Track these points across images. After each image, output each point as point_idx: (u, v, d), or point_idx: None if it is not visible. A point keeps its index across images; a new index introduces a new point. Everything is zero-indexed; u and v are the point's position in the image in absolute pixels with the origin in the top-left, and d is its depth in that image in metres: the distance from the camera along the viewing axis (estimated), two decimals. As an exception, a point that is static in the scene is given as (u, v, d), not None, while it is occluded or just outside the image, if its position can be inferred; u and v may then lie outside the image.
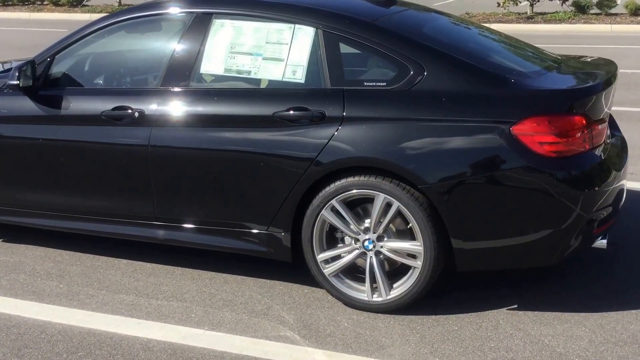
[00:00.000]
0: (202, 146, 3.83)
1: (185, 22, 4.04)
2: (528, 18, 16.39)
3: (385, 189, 3.54)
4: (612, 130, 4.30)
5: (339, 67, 3.73)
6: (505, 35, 4.59)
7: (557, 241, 3.49)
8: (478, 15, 17.13)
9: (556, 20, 15.93)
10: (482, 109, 3.48)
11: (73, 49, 4.28)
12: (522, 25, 15.99)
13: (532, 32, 15.38)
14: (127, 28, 4.29)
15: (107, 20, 4.25)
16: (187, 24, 4.03)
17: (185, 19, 4.06)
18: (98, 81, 4.35)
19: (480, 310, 3.72)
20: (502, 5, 16.62)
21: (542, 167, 3.39)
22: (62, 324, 3.63)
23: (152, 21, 4.30)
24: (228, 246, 3.95)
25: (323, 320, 3.64)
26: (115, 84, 4.32)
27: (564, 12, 16.36)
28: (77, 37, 4.26)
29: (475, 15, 17.12)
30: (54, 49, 4.27)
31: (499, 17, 16.71)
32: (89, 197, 4.17)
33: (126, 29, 4.28)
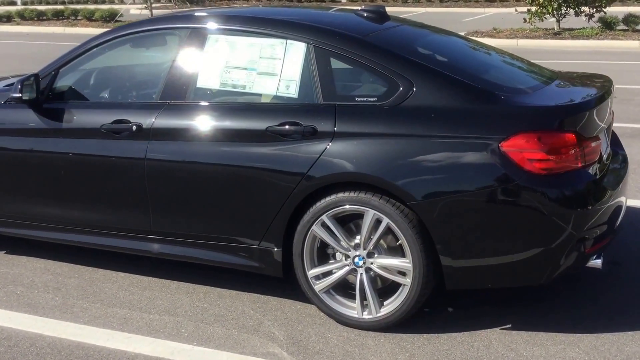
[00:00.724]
0: (196, 160, 3.84)
1: (182, 38, 4.06)
2: (555, 34, 16.22)
3: (374, 205, 3.50)
4: (614, 147, 4.22)
5: (331, 82, 3.71)
6: (501, 51, 4.53)
7: (547, 260, 3.41)
8: (505, 31, 17.01)
9: (583, 36, 15.74)
10: (471, 125, 3.43)
11: (76, 63, 4.33)
12: (549, 41, 15.83)
13: (559, 48, 15.23)
14: (128, 43, 4.33)
15: (109, 35, 4.30)
16: (183, 39, 4.05)
17: (182, 35, 4.08)
18: (99, 95, 4.40)
19: (473, 329, 3.64)
20: (529, 21, 16.48)
21: (532, 185, 3.32)
22: (52, 337, 3.64)
23: (152, 36, 4.34)
24: (221, 261, 3.94)
25: (313, 337, 3.60)
26: (116, 97, 4.36)
27: (591, 29, 16.16)
28: (80, 51, 4.32)
29: (502, 31, 17.01)
30: (58, 63, 4.33)
31: (526, 33, 16.56)
32: (88, 210, 4.19)
33: (127, 44, 4.33)
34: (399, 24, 4.34)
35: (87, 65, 4.39)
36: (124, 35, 4.28)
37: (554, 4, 16.03)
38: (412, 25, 4.51)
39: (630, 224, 4.76)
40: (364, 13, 4.27)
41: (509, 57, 4.41)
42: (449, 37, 4.54)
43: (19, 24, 22.15)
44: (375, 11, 4.27)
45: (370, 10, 4.27)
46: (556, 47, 15.40)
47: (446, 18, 23.36)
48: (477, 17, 23.85)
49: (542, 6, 16.07)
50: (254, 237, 3.79)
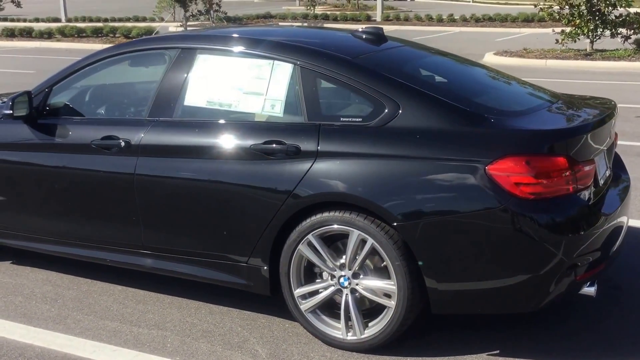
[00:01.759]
0: (182, 176, 3.85)
1: (171, 57, 4.09)
2: (586, 55, 15.96)
3: (359, 226, 3.45)
4: (616, 169, 4.12)
5: (316, 102, 3.70)
6: (503, 73, 4.46)
7: (535, 287, 3.32)
8: (536, 51, 16.80)
9: (614, 58, 15.45)
10: (457, 148, 3.37)
11: (69, 81, 4.40)
12: (580, 62, 15.56)
13: (590, 69, 14.97)
14: (119, 62, 4.40)
15: (101, 55, 4.37)
16: (172, 58, 4.08)
17: (170, 54, 4.11)
18: (91, 111, 4.47)
19: (459, 353, 3.57)
20: (561, 42, 16.26)
21: (519, 209, 3.24)
22: (42, 347, 3.67)
23: (142, 56, 4.40)
24: (210, 277, 3.93)
25: (295, 356, 3.56)
26: (106, 114, 4.41)
27: (624, 50, 15.87)
28: (73, 69, 4.39)
29: (532, 51, 16.80)
30: (52, 81, 4.41)
31: (556, 53, 16.33)
32: (81, 224, 4.24)
33: (118, 63, 4.39)
34: (397, 46, 4.31)
35: (80, 82, 4.45)
36: (115, 54, 4.36)
37: (590, 25, 15.80)
38: (411, 47, 4.49)
39: (635, 246, 4.62)
40: (362, 34, 4.25)
41: (509, 79, 4.34)
42: (448, 59, 4.50)
43: (60, 40, 22.61)
44: (373, 32, 4.26)
45: (368, 31, 4.26)
46: (587, 67, 15.13)
47: (479, 38, 23.22)
48: (512, 37, 23.60)
49: (578, 27, 15.84)
50: (241, 254, 3.78)
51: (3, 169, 4.44)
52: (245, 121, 3.84)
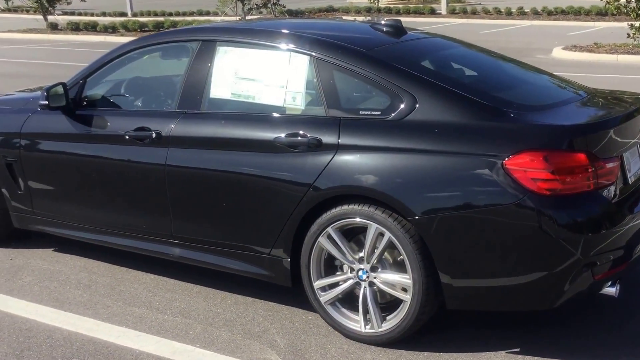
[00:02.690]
0: (209, 167, 4.01)
1: (197, 49, 4.24)
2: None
3: (377, 219, 3.54)
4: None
5: (335, 94, 3.80)
6: (533, 67, 4.47)
7: (549, 285, 3.34)
8: (607, 46, 16.40)
9: (691, 53, 14.97)
10: (474, 142, 3.41)
11: (101, 73, 4.62)
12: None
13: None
14: (147, 54, 4.60)
15: (131, 46, 4.57)
16: (198, 50, 4.23)
17: (196, 46, 4.26)
18: (125, 103, 4.66)
19: (477, 350, 3.61)
20: (632, 37, 15.83)
21: (535, 205, 3.26)
22: (69, 331, 3.88)
23: (168, 48, 4.60)
24: (233, 267, 4.08)
25: (313, 347, 3.68)
26: (139, 106, 4.59)
27: (701, 44, 15.35)
28: (104, 61, 4.61)
29: (603, 45, 16.40)
30: (85, 73, 4.63)
31: (628, 48, 15.90)
32: (114, 213, 4.45)
33: (148, 54, 4.59)
34: (417, 38, 4.38)
35: (111, 74, 4.66)
36: (142, 47, 4.55)
37: (660, 19, 15.36)
38: (434, 39, 4.54)
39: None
40: (381, 26, 4.32)
41: (539, 73, 4.35)
42: (474, 52, 4.52)
43: (123, 35, 23.24)
44: (392, 25, 4.32)
45: (386, 23, 4.32)
46: (660, 63, 14.72)
47: (551, 31, 22.78)
48: (585, 31, 23.06)
49: (646, 20, 15.41)
50: (264, 245, 3.91)
51: (42, 158, 4.70)
52: (268, 113, 3.96)
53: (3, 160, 4.83)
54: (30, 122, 4.75)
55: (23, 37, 23.94)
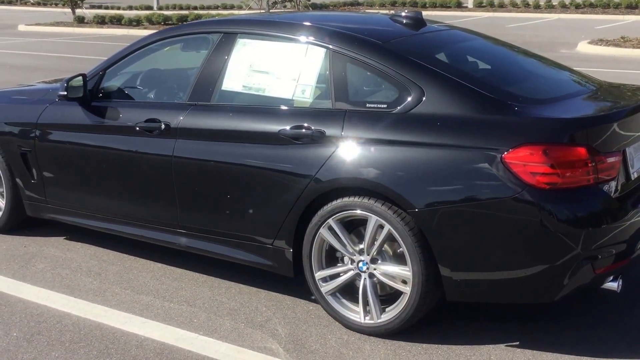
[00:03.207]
0: (215, 159, 4.09)
1: (214, 41, 4.32)
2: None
3: (377, 211, 3.60)
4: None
5: (345, 87, 3.85)
6: (550, 61, 4.47)
7: (548, 279, 3.38)
8: (634, 40, 16.24)
9: None
10: (477, 135, 3.46)
11: (121, 64, 4.72)
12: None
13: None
14: (167, 45, 4.69)
15: (150, 39, 4.66)
16: (215, 42, 4.31)
17: (211, 39, 4.35)
18: (139, 95, 4.76)
19: (477, 343, 3.66)
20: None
21: (533, 199, 3.30)
22: (78, 317, 4.00)
23: (191, 39, 4.69)
24: (238, 257, 4.16)
25: (313, 337, 3.75)
26: (153, 97, 4.69)
27: None
28: (125, 53, 4.71)
29: (630, 40, 16.25)
30: (105, 64, 4.74)
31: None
32: (124, 202, 4.56)
33: (166, 47, 4.68)
34: (436, 30, 4.40)
35: (131, 66, 4.75)
36: (162, 39, 4.65)
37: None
38: (452, 31, 4.56)
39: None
40: (400, 18, 4.37)
41: (553, 66, 4.37)
42: (491, 45, 4.55)
43: (147, 28, 23.46)
44: (411, 17, 4.36)
45: (406, 15, 4.37)
46: (688, 58, 14.55)
47: (578, 25, 22.60)
48: (613, 24, 22.84)
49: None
50: (267, 236, 3.99)
51: (56, 149, 4.81)
52: (276, 106, 4.03)
53: (18, 150, 4.96)
54: (47, 113, 4.88)
55: (49, 30, 24.30)
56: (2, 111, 5.20)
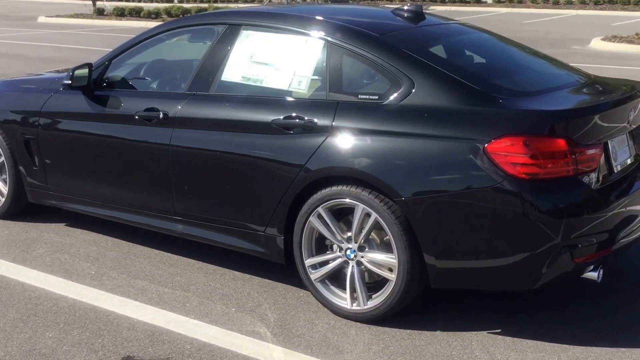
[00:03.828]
0: (210, 148, 4.20)
1: (219, 32, 4.43)
2: None
3: (364, 200, 3.69)
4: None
5: (339, 79, 3.95)
6: (542, 54, 4.56)
7: (527, 267, 3.46)
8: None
9: None
10: (461, 126, 3.54)
11: (127, 54, 4.85)
12: (697, 50, 14.89)
13: None
14: (174, 36, 4.81)
15: (157, 30, 4.79)
16: (219, 34, 4.41)
17: (219, 30, 4.44)
18: (142, 84, 4.89)
19: (460, 330, 3.75)
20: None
21: (513, 189, 3.38)
22: (74, 299, 4.13)
23: (197, 30, 4.81)
24: (232, 244, 4.28)
25: (301, 322, 3.85)
26: (154, 87, 4.81)
27: None
28: (131, 44, 4.84)
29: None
30: (111, 55, 4.87)
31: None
32: (124, 190, 4.69)
33: (170, 38, 4.81)
34: (435, 24, 4.50)
35: (136, 57, 4.87)
36: (169, 29, 4.78)
37: None
38: (449, 25, 4.65)
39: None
40: (401, 12, 4.46)
41: (545, 60, 4.46)
42: (488, 39, 4.62)
43: (165, 20, 23.63)
44: (412, 10, 4.44)
45: (408, 9, 4.46)
46: None
47: (595, 21, 22.48)
48: (631, 21, 22.67)
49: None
50: (260, 223, 4.10)
51: (58, 136, 4.95)
52: (271, 96, 4.13)
53: (22, 137, 5.11)
54: (51, 102, 5.01)
55: (69, 22, 24.59)
56: (8, 99, 5.36)
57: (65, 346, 3.63)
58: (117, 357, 3.52)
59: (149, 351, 3.58)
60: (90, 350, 3.59)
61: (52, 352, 3.57)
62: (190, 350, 3.58)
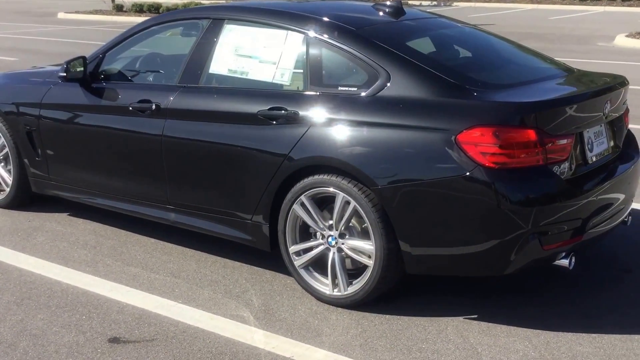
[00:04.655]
0: (200, 138, 4.43)
1: (204, 27, 4.67)
2: None
3: (344, 189, 3.89)
4: (626, 148, 4.30)
5: (319, 71, 4.15)
6: (525, 47, 4.72)
7: (497, 253, 3.63)
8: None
9: None
10: (434, 117, 3.72)
11: (120, 47, 5.10)
12: None
13: None
14: (163, 30, 5.07)
15: (147, 23, 5.04)
16: (204, 28, 4.65)
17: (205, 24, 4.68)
18: (136, 77, 5.12)
19: (438, 315, 3.93)
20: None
21: (483, 177, 3.55)
22: (68, 284, 4.38)
23: (185, 24, 5.06)
24: (221, 232, 4.50)
25: (284, 307, 4.06)
26: (145, 80, 5.06)
27: None
28: (124, 37, 5.09)
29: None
30: (104, 48, 5.12)
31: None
32: (119, 179, 4.93)
33: (161, 32, 5.05)
34: (415, 18, 4.69)
35: (130, 50, 5.12)
36: (160, 23, 5.03)
37: None
38: (431, 19, 4.83)
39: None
40: (382, 7, 4.65)
41: (528, 53, 4.62)
42: (471, 33, 4.79)
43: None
44: (391, 5, 4.64)
45: (386, 4, 4.65)
46: None
47: (623, 18, 22.43)
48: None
49: None
50: (247, 212, 4.31)
51: (58, 127, 5.21)
52: (257, 88, 4.35)
53: (24, 128, 5.38)
54: (51, 93, 5.28)
55: (88, 18, 25.08)
56: (11, 92, 5.63)
57: (55, 327, 3.87)
58: (104, 338, 3.75)
59: (135, 333, 3.81)
60: (78, 331, 3.83)
61: (42, 333, 3.82)
62: (174, 332, 3.80)
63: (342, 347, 3.64)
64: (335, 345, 3.65)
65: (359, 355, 3.56)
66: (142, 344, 3.69)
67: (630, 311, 3.96)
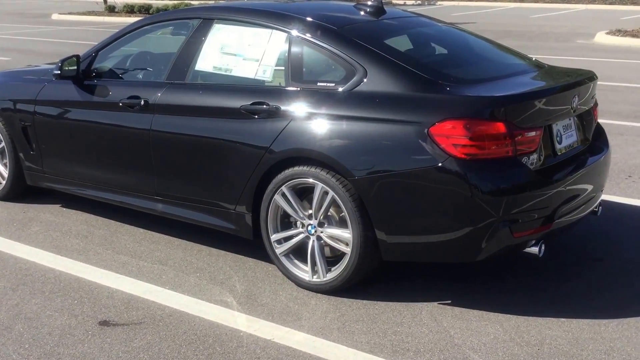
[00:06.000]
0: (186, 132, 4.53)
1: (193, 26, 4.77)
2: None
3: (322, 179, 3.99)
4: (597, 142, 4.41)
5: (300, 68, 4.25)
6: (500, 45, 4.83)
7: (468, 241, 3.74)
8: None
9: None
10: (408, 111, 3.83)
11: (112, 46, 5.20)
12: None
13: None
14: (154, 30, 5.16)
15: (139, 24, 5.13)
16: (194, 27, 4.75)
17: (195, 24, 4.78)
18: (126, 74, 5.21)
19: (413, 300, 4.04)
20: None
21: (454, 168, 3.66)
22: (61, 271, 4.48)
23: (176, 24, 5.16)
24: (206, 221, 4.60)
25: (266, 293, 4.17)
26: (135, 77, 5.16)
27: None
28: (116, 37, 5.19)
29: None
30: (97, 47, 5.20)
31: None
32: (109, 172, 5.03)
33: (151, 32, 5.14)
34: (395, 17, 4.79)
35: (121, 49, 5.22)
36: (152, 22, 5.13)
37: None
38: (410, 18, 4.93)
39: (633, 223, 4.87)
40: (363, 7, 4.75)
41: (501, 50, 4.73)
42: (448, 31, 4.90)
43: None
44: (372, 5, 4.74)
45: (367, 4, 4.75)
46: None
47: (603, 16, 22.59)
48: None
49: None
50: (230, 202, 4.41)
51: (51, 123, 5.30)
52: (240, 84, 4.45)
53: (20, 124, 5.46)
54: (45, 90, 5.36)
55: (81, 19, 25.09)
56: (8, 89, 5.71)
57: (48, 311, 3.97)
58: (95, 321, 3.85)
59: (124, 316, 3.90)
60: (70, 315, 3.93)
61: (37, 316, 3.92)
62: (161, 316, 3.90)
63: (320, 330, 3.74)
64: (314, 329, 3.75)
65: (336, 337, 3.67)
66: (131, 326, 3.78)
67: (599, 297, 4.07)
